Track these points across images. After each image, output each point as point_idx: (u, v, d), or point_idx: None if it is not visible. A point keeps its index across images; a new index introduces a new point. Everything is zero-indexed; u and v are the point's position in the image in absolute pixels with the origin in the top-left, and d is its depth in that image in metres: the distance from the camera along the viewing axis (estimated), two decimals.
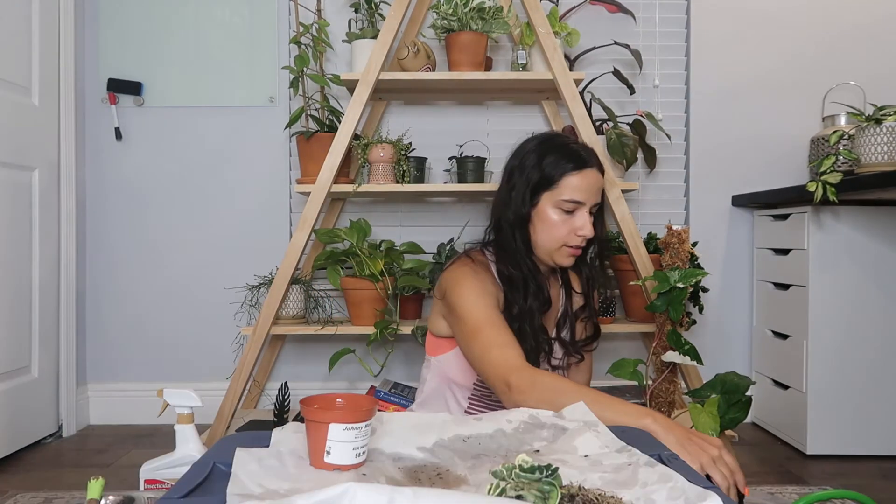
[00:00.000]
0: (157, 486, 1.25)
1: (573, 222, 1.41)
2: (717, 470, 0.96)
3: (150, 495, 1.02)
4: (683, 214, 2.56)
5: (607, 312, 2.23)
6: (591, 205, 1.43)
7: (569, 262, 1.45)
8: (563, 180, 1.40)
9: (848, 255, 2.09)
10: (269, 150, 2.52)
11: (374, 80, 2.07)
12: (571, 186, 1.40)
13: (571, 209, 1.41)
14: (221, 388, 2.16)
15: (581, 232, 1.41)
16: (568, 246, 1.43)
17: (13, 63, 2.12)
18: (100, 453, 2.17)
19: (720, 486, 0.94)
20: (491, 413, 1.15)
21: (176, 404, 1.27)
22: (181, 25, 2.49)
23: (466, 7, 2.10)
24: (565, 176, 1.40)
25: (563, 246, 1.43)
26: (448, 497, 0.69)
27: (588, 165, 1.42)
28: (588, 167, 1.42)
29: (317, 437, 0.88)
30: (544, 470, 0.72)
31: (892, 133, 1.90)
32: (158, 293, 2.52)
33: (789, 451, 2.18)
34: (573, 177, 1.40)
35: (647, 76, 2.51)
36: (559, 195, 1.41)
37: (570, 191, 1.40)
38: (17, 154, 2.13)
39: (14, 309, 2.11)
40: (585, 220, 1.41)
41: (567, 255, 1.44)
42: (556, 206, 1.41)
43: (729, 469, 0.97)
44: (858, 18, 2.51)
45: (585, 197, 1.41)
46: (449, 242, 2.36)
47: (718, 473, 0.96)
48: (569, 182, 1.40)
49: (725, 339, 2.55)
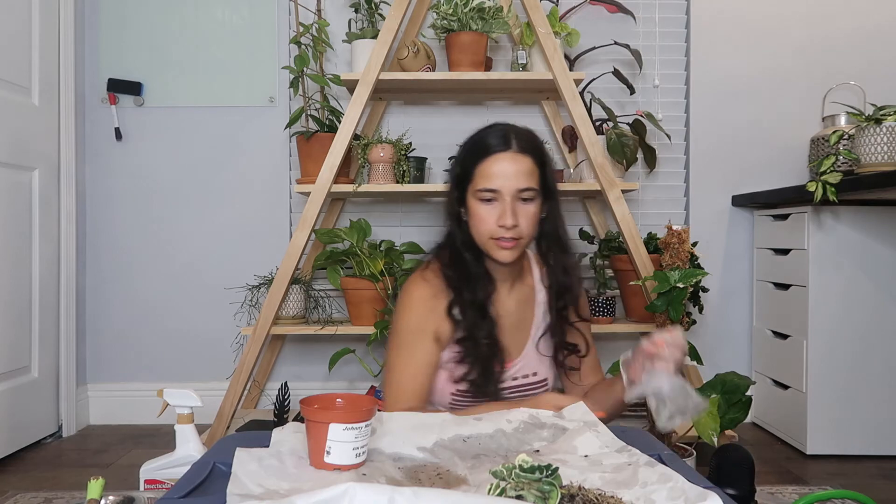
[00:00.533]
0: (157, 486, 1.25)
1: (496, 211, 1.31)
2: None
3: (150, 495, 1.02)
4: (683, 214, 2.56)
5: (607, 312, 2.23)
6: (513, 191, 1.31)
7: (504, 257, 1.33)
8: (475, 170, 1.33)
9: (848, 255, 2.09)
10: (269, 150, 2.52)
11: (374, 80, 2.07)
12: (483, 175, 1.32)
13: (489, 198, 1.31)
14: (221, 388, 2.16)
15: (501, 222, 1.30)
16: (494, 238, 1.32)
17: (13, 63, 2.12)
18: (100, 453, 2.17)
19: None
20: (490, 413, 1.15)
21: (176, 404, 1.27)
22: (181, 25, 2.49)
23: (466, 7, 2.10)
24: (477, 165, 1.33)
25: (491, 239, 1.33)
26: (448, 497, 0.69)
27: (498, 150, 1.32)
28: (499, 152, 1.32)
29: (317, 437, 0.88)
30: (544, 470, 0.72)
31: (892, 133, 1.90)
32: (158, 293, 2.52)
33: (789, 451, 2.18)
34: (483, 164, 1.32)
35: (647, 76, 2.51)
36: (475, 186, 1.33)
37: (483, 179, 1.32)
38: (17, 154, 2.13)
39: (14, 309, 2.11)
40: (505, 208, 1.30)
41: (498, 248, 1.33)
42: (476, 198, 1.33)
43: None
44: (858, 18, 2.51)
45: (500, 184, 1.30)
46: None
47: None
48: (480, 171, 1.32)
49: (725, 339, 2.55)
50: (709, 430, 1.39)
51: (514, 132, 1.35)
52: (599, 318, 2.22)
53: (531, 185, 1.32)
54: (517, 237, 1.32)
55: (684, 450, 1.56)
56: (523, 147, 1.33)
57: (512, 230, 1.30)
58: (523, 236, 1.33)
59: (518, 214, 1.31)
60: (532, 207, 1.33)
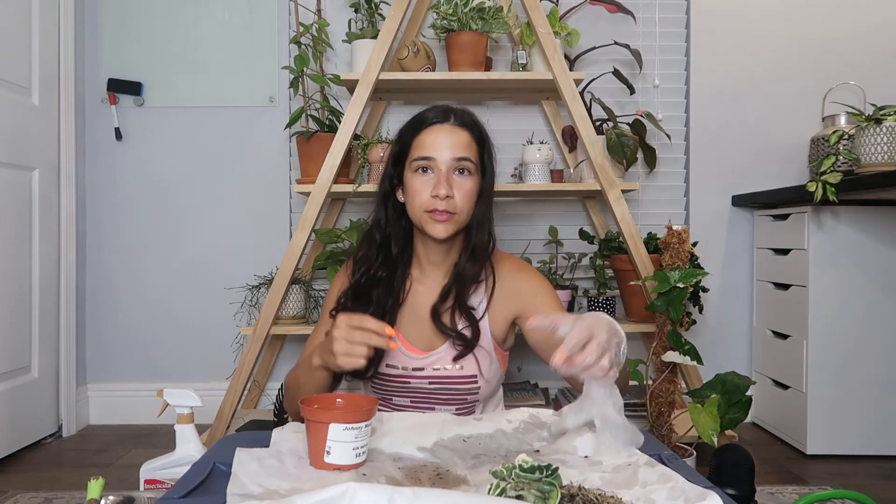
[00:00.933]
0: (157, 486, 1.25)
1: (431, 183, 1.28)
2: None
3: (150, 495, 1.02)
4: (683, 214, 2.56)
5: (607, 312, 2.23)
6: (450, 161, 1.28)
7: (438, 232, 1.28)
8: (414, 142, 1.31)
9: (848, 255, 2.09)
10: (269, 150, 2.52)
11: (374, 80, 2.07)
12: (419, 145, 1.30)
13: (424, 166, 1.29)
14: (221, 388, 2.16)
15: (435, 192, 1.26)
16: (428, 212, 1.28)
17: (13, 63, 2.12)
18: (100, 453, 2.17)
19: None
20: (491, 413, 1.15)
21: (176, 404, 1.27)
22: (181, 25, 2.49)
23: (466, 7, 2.10)
24: (414, 138, 1.31)
25: (425, 213, 1.28)
26: (448, 497, 0.69)
27: (436, 122, 1.31)
28: (436, 123, 1.31)
29: (317, 437, 0.88)
30: (544, 470, 0.72)
31: (892, 133, 1.90)
32: (158, 293, 2.52)
33: (789, 451, 2.18)
34: (420, 136, 1.31)
35: (647, 76, 2.51)
36: (411, 157, 1.31)
37: (419, 149, 1.30)
38: (17, 154, 2.13)
39: (14, 309, 2.11)
40: (440, 178, 1.27)
41: (432, 221, 1.28)
42: (412, 169, 1.30)
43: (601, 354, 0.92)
44: (858, 19, 2.51)
45: (436, 152, 1.28)
46: None
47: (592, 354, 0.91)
48: (417, 143, 1.31)
49: (725, 339, 2.55)
50: (709, 430, 1.39)
51: (452, 109, 1.34)
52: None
53: (468, 155, 1.29)
54: (452, 211, 1.27)
55: (684, 450, 1.56)
56: (462, 121, 1.32)
57: (446, 201, 1.26)
58: (458, 210, 1.28)
59: (453, 187, 1.27)
60: (468, 183, 1.30)
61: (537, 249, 2.48)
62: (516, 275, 1.38)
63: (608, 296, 2.25)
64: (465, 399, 1.35)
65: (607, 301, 2.24)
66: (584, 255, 2.37)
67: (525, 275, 1.39)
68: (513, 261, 1.43)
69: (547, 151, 2.23)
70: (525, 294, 1.35)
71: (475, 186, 1.31)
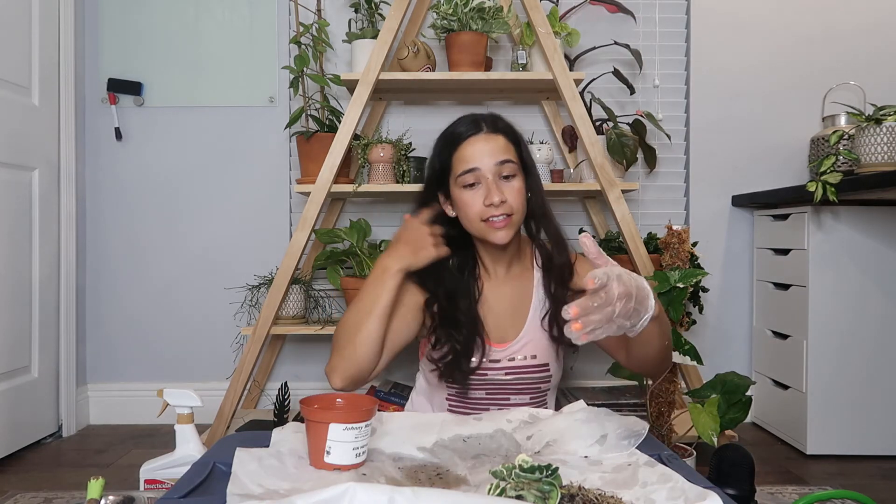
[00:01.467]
0: (157, 486, 1.25)
1: (481, 194, 1.31)
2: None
3: (150, 495, 1.02)
4: (683, 214, 2.56)
5: None
6: (493, 167, 1.32)
7: (500, 238, 1.32)
8: (453, 158, 1.34)
9: (848, 255, 2.09)
10: (269, 150, 2.52)
11: (374, 80, 2.07)
12: (461, 160, 1.33)
13: (472, 181, 1.32)
14: (221, 388, 2.16)
15: (488, 200, 1.30)
16: (485, 221, 1.32)
17: (13, 63, 2.12)
18: (100, 453, 2.17)
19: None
20: (491, 413, 1.15)
21: (176, 404, 1.27)
22: (181, 25, 2.49)
23: (466, 7, 2.10)
24: (454, 153, 1.34)
25: (482, 222, 1.32)
26: (448, 497, 0.69)
27: (472, 133, 1.34)
28: (473, 134, 1.34)
29: (317, 437, 0.88)
30: (544, 470, 0.72)
31: (892, 133, 1.90)
32: (158, 293, 2.52)
33: (789, 451, 2.18)
34: (458, 151, 1.34)
35: (647, 76, 2.51)
36: (456, 173, 1.34)
37: (461, 163, 1.33)
38: (17, 154, 2.13)
39: (14, 309, 2.11)
40: (489, 187, 1.30)
41: (492, 230, 1.32)
42: (459, 186, 1.33)
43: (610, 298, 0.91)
44: (859, 19, 2.51)
45: (479, 161, 1.31)
46: None
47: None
48: (458, 158, 1.34)
49: (725, 339, 2.55)
50: (709, 430, 1.39)
51: (481, 117, 1.37)
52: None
53: (509, 157, 1.33)
54: (508, 213, 1.31)
55: (684, 450, 1.56)
56: (494, 127, 1.35)
57: (501, 206, 1.30)
58: (514, 212, 1.32)
59: (504, 191, 1.31)
60: (516, 183, 1.33)
61: None
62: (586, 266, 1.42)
63: None
64: (539, 388, 1.41)
65: None
66: (584, 254, 2.36)
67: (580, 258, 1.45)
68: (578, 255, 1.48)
69: (547, 151, 2.23)
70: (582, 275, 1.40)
71: (522, 185, 1.35)
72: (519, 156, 1.36)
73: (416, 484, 0.85)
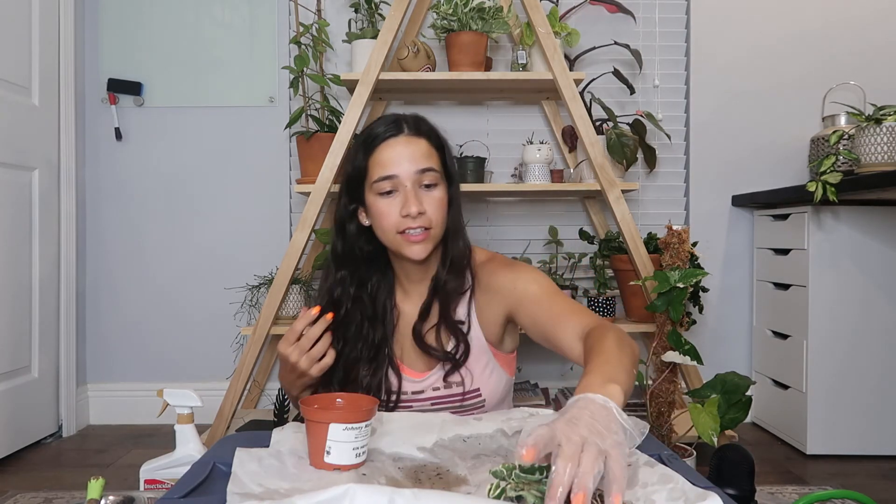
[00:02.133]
0: (157, 486, 1.25)
1: (398, 203, 1.19)
2: (564, 459, 0.66)
3: (150, 495, 1.02)
4: (683, 214, 2.56)
5: (607, 312, 2.23)
6: (413, 175, 1.18)
7: (417, 253, 1.20)
8: (370, 162, 1.20)
9: (848, 255, 2.09)
10: (269, 150, 2.52)
11: (374, 80, 2.07)
12: (377, 164, 1.19)
13: (389, 188, 1.19)
14: (221, 388, 2.16)
15: (405, 211, 1.17)
16: (401, 233, 1.19)
17: (13, 63, 2.12)
18: (100, 453, 2.17)
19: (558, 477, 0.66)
20: (491, 413, 1.15)
21: (176, 404, 1.27)
22: (181, 25, 2.49)
23: (466, 7, 2.10)
24: (370, 157, 1.20)
25: (398, 234, 1.20)
26: (448, 497, 0.69)
27: (392, 135, 1.20)
28: (392, 136, 1.20)
29: (317, 437, 0.88)
30: (544, 470, 0.72)
31: (892, 133, 1.90)
32: (158, 293, 2.52)
33: (789, 451, 2.18)
34: (376, 153, 1.20)
35: (647, 76, 2.51)
36: (371, 179, 1.20)
37: (378, 168, 1.19)
38: (17, 154, 2.13)
39: (14, 309, 2.11)
40: (408, 195, 1.17)
41: (408, 243, 1.20)
42: (375, 192, 1.20)
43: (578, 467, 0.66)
44: (859, 19, 2.51)
45: (397, 167, 1.18)
46: None
47: (562, 463, 0.66)
48: (375, 161, 1.20)
49: (725, 339, 2.55)
50: (709, 430, 1.39)
51: (403, 117, 1.24)
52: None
53: (431, 164, 1.20)
54: (426, 226, 1.19)
55: (684, 450, 1.56)
56: (417, 130, 1.22)
57: (419, 218, 1.18)
58: (433, 225, 1.20)
59: (423, 201, 1.18)
60: (437, 193, 1.21)
61: (537, 249, 2.48)
62: (494, 272, 1.27)
63: (608, 296, 2.25)
64: (473, 414, 1.24)
65: (607, 301, 2.24)
66: (584, 255, 2.37)
67: (502, 269, 1.27)
68: (489, 258, 1.33)
69: (547, 151, 2.23)
70: (506, 290, 1.24)
71: (444, 196, 1.23)
72: (443, 163, 1.24)
73: (416, 484, 0.85)
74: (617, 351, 0.95)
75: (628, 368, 0.93)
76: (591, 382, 0.83)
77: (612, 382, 0.83)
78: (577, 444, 0.68)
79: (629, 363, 0.94)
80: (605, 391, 0.79)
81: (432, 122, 1.27)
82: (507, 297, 1.23)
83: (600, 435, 0.70)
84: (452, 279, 1.26)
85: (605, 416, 0.74)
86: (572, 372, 2.55)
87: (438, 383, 1.27)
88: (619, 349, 0.96)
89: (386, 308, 1.30)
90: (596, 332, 1.04)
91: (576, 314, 1.14)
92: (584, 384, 0.84)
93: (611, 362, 0.91)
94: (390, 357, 1.28)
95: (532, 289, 1.21)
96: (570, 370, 2.55)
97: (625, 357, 0.94)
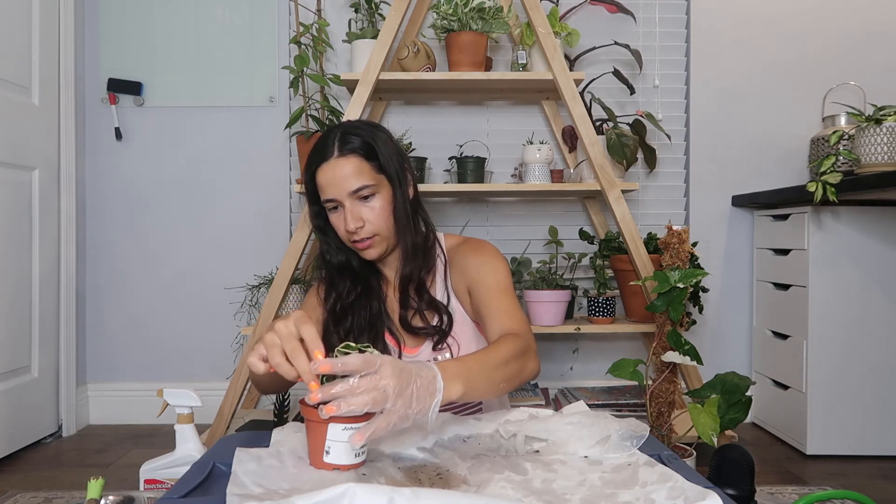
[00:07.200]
0: (157, 486, 1.25)
1: (343, 220, 1.29)
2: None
3: (150, 495, 1.02)
4: (683, 214, 2.56)
5: (607, 312, 2.23)
6: (347, 196, 1.26)
7: (370, 256, 1.32)
8: (315, 184, 1.30)
9: (848, 255, 2.09)
10: (269, 150, 2.52)
11: (374, 80, 2.07)
12: (320, 187, 1.29)
13: (333, 206, 1.29)
14: (221, 388, 2.16)
15: (346, 227, 1.28)
16: (353, 242, 1.31)
17: (13, 63, 2.12)
18: (100, 453, 2.17)
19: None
20: (491, 413, 1.15)
21: (176, 404, 1.27)
22: (181, 25, 2.49)
23: (466, 7, 2.10)
24: (314, 179, 1.30)
25: (352, 243, 1.31)
26: (448, 497, 0.69)
27: (322, 160, 1.28)
28: (322, 162, 1.28)
29: (316, 437, 0.88)
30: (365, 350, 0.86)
31: (892, 133, 1.90)
32: (158, 293, 2.52)
33: (789, 451, 2.18)
34: (317, 177, 1.29)
35: (647, 76, 2.51)
36: (321, 198, 1.31)
37: (321, 191, 1.30)
38: (17, 154, 2.13)
39: (14, 309, 2.11)
40: (346, 213, 1.27)
41: (360, 250, 1.31)
42: (326, 207, 1.32)
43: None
44: (859, 19, 2.51)
45: (334, 192, 1.27)
46: None
47: (361, 381, 0.83)
48: (317, 183, 1.30)
49: (725, 339, 2.55)
50: (709, 430, 1.39)
51: (334, 135, 1.29)
52: (599, 318, 2.22)
53: (362, 183, 1.26)
54: (370, 235, 1.29)
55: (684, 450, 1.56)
56: (345, 148, 1.27)
57: (360, 231, 1.28)
58: (377, 231, 1.29)
59: (361, 215, 1.27)
60: (376, 203, 1.28)
61: (537, 249, 2.48)
62: (465, 255, 1.37)
63: (608, 296, 2.25)
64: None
65: (607, 301, 2.24)
66: (584, 255, 2.37)
67: (472, 253, 1.36)
68: (461, 241, 1.42)
69: (547, 151, 2.23)
70: (470, 271, 1.34)
71: (384, 202, 1.29)
72: (378, 167, 1.28)
73: (415, 484, 0.84)
74: (498, 360, 1.05)
75: (495, 378, 1.02)
76: (450, 367, 0.94)
77: (463, 380, 0.94)
78: (381, 386, 0.83)
79: (501, 375, 1.04)
80: (452, 381, 0.92)
81: (361, 123, 1.33)
82: (470, 277, 1.34)
83: (403, 398, 0.84)
84: (413, 267, 1.34)
85: (423, 393, 0.86)
86: (572, 372, 2.55)
87: (430, 356, 1.35)
88: (503, 360, 1.06)
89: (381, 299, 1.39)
90: (505, 337, 1.14)
91: (508, 316, 1.25)
92: (447, 363, 0.95)
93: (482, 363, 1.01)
94: (389, 328, 1.36)
95: (490, 280, 1.31)
96: (569, 370, 2.55)
97: (502, 369, 1.04)
